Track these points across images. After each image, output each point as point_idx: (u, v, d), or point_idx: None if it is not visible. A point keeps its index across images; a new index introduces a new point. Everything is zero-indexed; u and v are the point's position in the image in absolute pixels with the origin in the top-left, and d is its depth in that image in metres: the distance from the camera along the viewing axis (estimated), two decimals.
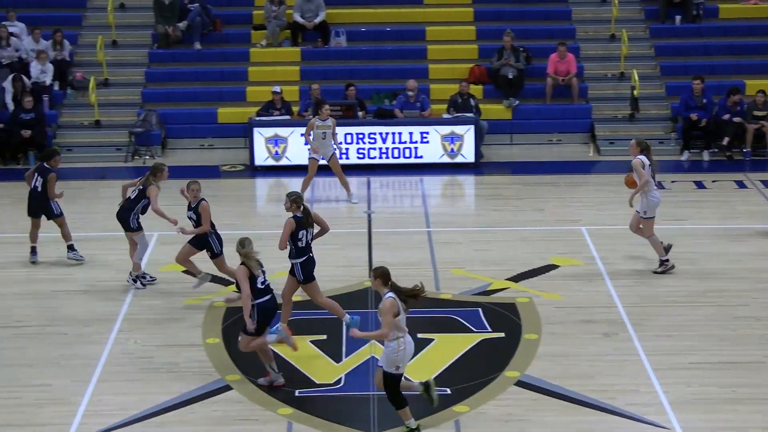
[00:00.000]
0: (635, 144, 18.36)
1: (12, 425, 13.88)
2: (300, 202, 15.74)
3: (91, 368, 15.29)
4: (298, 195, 15.87)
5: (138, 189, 18.00)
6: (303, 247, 15.74)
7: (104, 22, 28.07)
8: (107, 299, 17.65)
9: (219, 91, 26.99)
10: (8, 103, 25.40)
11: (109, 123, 26.16)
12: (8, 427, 13.83)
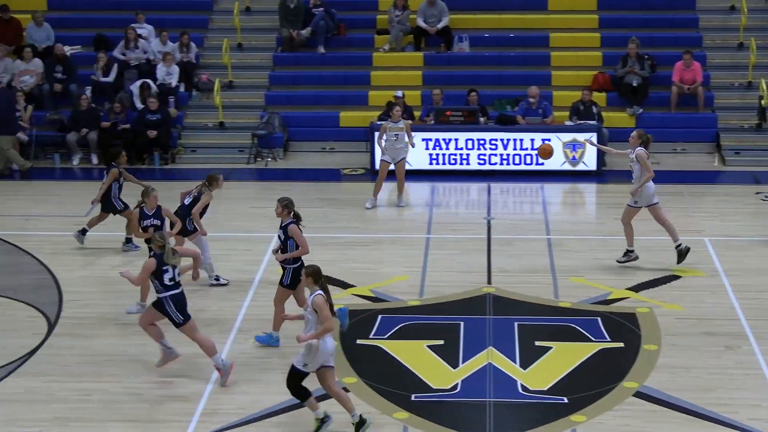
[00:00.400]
0: (636, 136, 18.58)
1: (133, 420, 14.08)
2: (291, 207, 15.81)
3: (211, 367, 15.44)
4: (289, 200, 15.88)
5: (193, 196, 18.23)
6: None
7: (230, 25, 28.41)
8: (227, 299, 17.82)
9: (341, 95, 27.13)
10: (137, 105, 25.85)
11: (233, 125, 26.45)
12: (129, 422, 14.04)
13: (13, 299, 17.87)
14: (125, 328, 16.82)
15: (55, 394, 14.80)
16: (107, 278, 18.71)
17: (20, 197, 23.24)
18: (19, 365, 15.62)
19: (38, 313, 17.35)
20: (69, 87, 26.20)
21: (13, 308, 17.56)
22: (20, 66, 26.40)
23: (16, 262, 19.37)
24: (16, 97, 25.26)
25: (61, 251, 19.91)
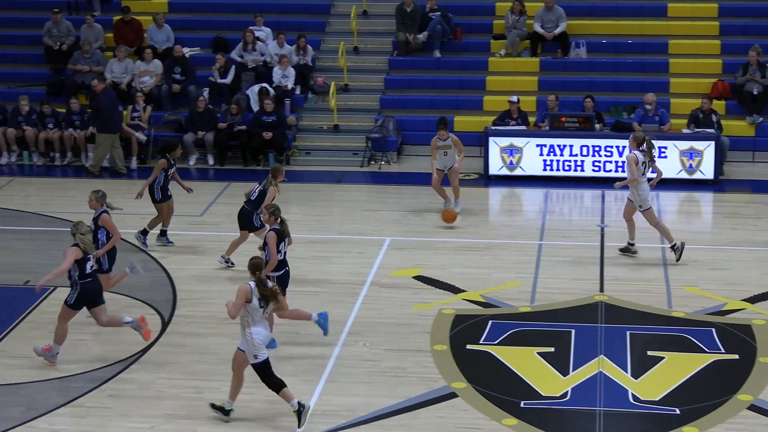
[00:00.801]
0: (632, 138, 19.33)
1: (244, 420, 14.18)
2: (278, 214, 15.91)
3: (321, 368, 15.51)
4: (276, 207, 16.01)
5: (258, 190, 18.50)
6: (282, 260, 15.95)
7: (347, 29, 28.54)
8: (339, 301, 17.89)
9: (456, 100, 27.08)
10: (253, 107, 26.09)
11: (347, 128, 26.56)
12: (240, 422, 14.15)
13: (129, 296, 18.13)
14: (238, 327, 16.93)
15: (166, 391, 14.99)
16: (221, 277, 18.89)
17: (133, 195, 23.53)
18: (133, 362, 15.85)
19: (153, 310, 17.58)
20: (187, 88, 26.54)
21: (130, 305, 17.81)
22: (140, 67, 26.81)
23: (136, 258, 19.62)
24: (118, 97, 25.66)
25: (175, 250, 20.16)
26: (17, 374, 15.42)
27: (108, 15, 28.66)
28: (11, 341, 16.51)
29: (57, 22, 27.56)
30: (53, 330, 15.91)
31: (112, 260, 16.93)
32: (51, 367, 15.64)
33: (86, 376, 15.38)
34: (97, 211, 16.75)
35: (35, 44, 28.11)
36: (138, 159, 25.42)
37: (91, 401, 14.77)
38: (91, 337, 16.56)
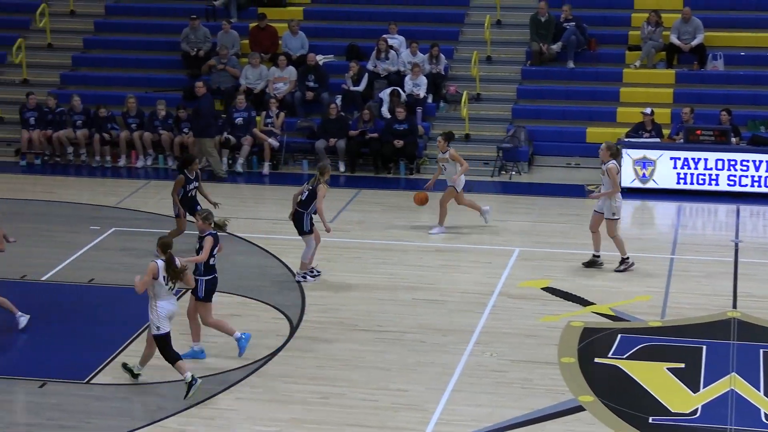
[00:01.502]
0: (605, 148, 19.12)
1: (366, 426, 14.23)
2: (211, 219, 15.98)
3: (447, 377, 15.48)
4: (208, 212, 16.10)
5: (308, 190, 18.63)
6: (212, 265, 15.96)
7: (480, 38, 28.47)
8: (466, 310, 17.84)
9: (589, 111, 26.84)
10: (384, 114, 26.19)
11: (479, 137, 26.49)
12: (362, 427, 14.20)
13: (259, 301, 18.31)
14: (365, 334, 17.03)
15: (293, 395, 15.09)
16: (349, 284, 18.98)
17: (267, 201, 23.83)
18: (261, 365, 15.99)
19: (282, 315, 17.73)
20: (320, 95, 26.74)
21: (259, 309, 18.00)
22: (274, 73, 27.09)
23: (263, 264, 19.85)
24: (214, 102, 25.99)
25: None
26: (149, 373, 15.67)
27: (244, 22, 29.03)
28: (144, 342, 16.77)
29: (195, 29, 28.00)
30: (184, 331, 16.15)
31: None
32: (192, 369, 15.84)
33: (216, 378, 15.56)
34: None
35: (173, 50, 28.60)
36: (270, 165, 25.67)
37: (220, 403, 14.95)
38: (221, 340, 16.74)
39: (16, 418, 14.77)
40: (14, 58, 28.45)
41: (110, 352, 16.35)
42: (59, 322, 17.51)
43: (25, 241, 20.72)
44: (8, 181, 24.78)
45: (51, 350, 16.56)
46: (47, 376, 15.66)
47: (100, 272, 19.30)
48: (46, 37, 29.37)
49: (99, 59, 29.06)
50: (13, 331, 16.95)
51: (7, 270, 19.29)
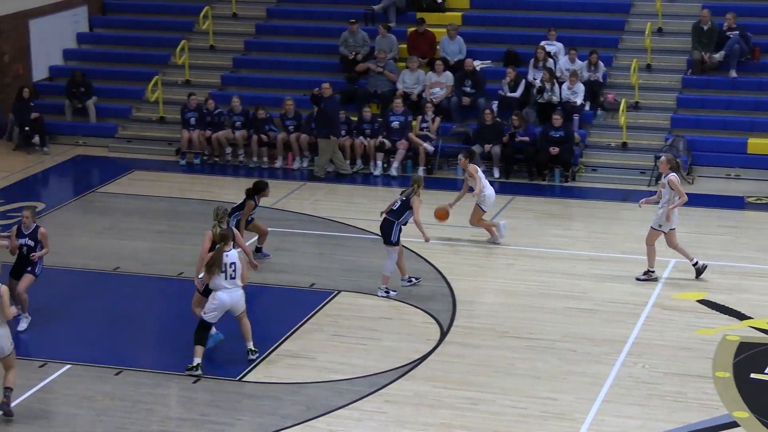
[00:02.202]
0: (665, 161, 19.15)
1: None
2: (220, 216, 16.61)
3: (597, 387, 15.32)
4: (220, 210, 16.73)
5: (401, 200, 18.55)
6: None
7: (640, 46, 28.10)
8: (618, 321, 17.64)
9: (751, 121, 26.26)
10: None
11: (636, 146, 26.13)
12: None
13: (411, 305, 18.36)
14: (515, 341, 16.95)
15: (442, 400, 15.10)
16: (500, 291, 18.91)
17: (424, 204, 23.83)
18: (410, 369, 16.04)
19: (432, 320, 17.75)
20: (476, 100, 26.70)
21: (410, 313, 18.05)
22: (432, 78, 27.14)
23: (416, 268, 19.87)
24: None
25: (458, 261, 20.29)
26: (300, 374, 15.84)
27: (402, 26, 29.15)
28: (295, 342, 16.98)
29: (353, 33, 28.22)
30: (336, 333, 16.31)
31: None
32: (331, 369, 16.01)
33: (366, 380, 15.66)
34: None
35: (331, 53, 28.87)
36: (425, 169, 25.71)
37: (369, 405, 15.03)
38: (371, 343, 16.85)
39: (171, 413, 15.06)
40: (177, 59, 29.06)
41: (263, 350, 16.56)
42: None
43: (183, 240, 21.17)
44: (168, 180, 25.30)
45: (207, 347, 16.82)
46: (202, 372, 15.92)
47: (254, 272, 19.55)
48: (208, 39, 29.93)
49: (259, 61, 29.49)
50: (172, 328, 17.28)
51: (166, 268, 19.72)
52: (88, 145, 27.73)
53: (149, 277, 18.33)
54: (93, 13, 31.11)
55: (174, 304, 18.33)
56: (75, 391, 15.47)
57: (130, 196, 23.95)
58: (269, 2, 31.04)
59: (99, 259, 20.34)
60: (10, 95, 28.02)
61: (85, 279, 19.56)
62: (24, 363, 15.62)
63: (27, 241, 16.99)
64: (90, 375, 15.88)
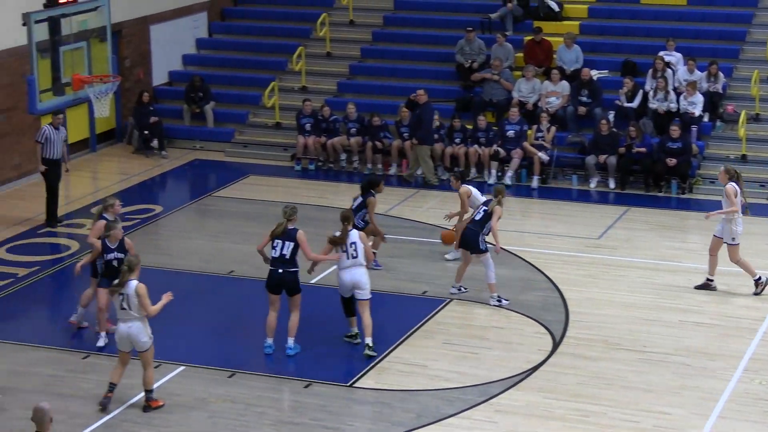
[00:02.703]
0: (724, 171, 19.28)
1: None
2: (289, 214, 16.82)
3: (712, 403, 15.10)
4: (286, 208, 17.01)
5: (482, 210, 18.59)
6: (273, 258, 16.71)
7: (762, 57, 27.63)
8: (735, 335, 17.37)
9: None
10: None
11: (756, 158, 25.68)
12: None
13: (523, 314, 18.28)
14: (628, 353, 16.79)
15: (553, 411, 15.01)
16: (614, 302, 18.73)
17: (534, 215, 23.76)
18: (522, 379, 15.96)
19: (545, 330, 17.65)
20: (593, 110, 26.49)
21: (522, 323, 17.97)
22: (548, 87, 26.99)
23: (528, 278, 19.81)
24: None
25: (571, 271, 20.15)
26: (411, 381, 15.86)
27: (519, 35, 29.04)
28: (407, 349, 16.99)
29: (470, 41, 28.18)
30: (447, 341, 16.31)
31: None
32: (442, 377, 15.99)
33: (477, 389, 15.63)
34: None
35: (447, 61, 28.88)
36: (539, 179, 25.57)
37: (479, 414, 15.00)
38: (483, 352, 16.81)
39: (283, 416, 15.18)
40: (294, 65, 29.30)
41: (374, 357, 16.60)
42: (325, 324, 17.89)
43: None
44: (283, 185, 25.51)
45: (317, 352, 16.94)
46: (313, 377, 16.04)
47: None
48: (325, 45, 30.13)
49: (375, 68, 29.59)
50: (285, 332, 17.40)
51: None
52: (205, 149, 28.09)
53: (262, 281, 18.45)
54: (212, 18, 31.52)
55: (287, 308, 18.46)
56: (189, 392, 15.66)
57: (246, 201, 24.20)
58: (386, 9, 31.15)
59: (214, 262, 20.58)
60: (130, 99, 28.51)
61: (199, 281, 19.79)
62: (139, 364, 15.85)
63: (116, 255, 17.04)
64: (204, 377, 16.08)
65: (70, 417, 14.86)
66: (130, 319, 14.93)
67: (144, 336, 14.98)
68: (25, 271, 20.07)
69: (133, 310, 14.87)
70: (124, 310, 14.90)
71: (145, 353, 15.03)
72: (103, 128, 28.20)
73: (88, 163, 27.06)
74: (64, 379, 15.80)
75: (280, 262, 16.63)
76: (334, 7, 31.30)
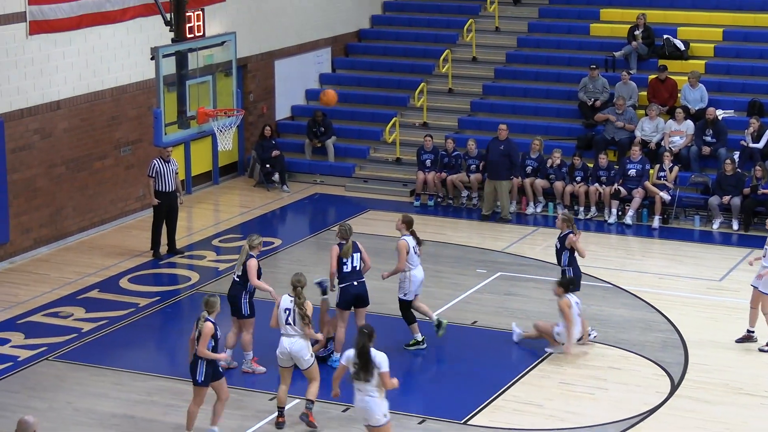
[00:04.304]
0: None
1: None
2: (345, 234, 17.41)
3: None
4: (342, 228, 17.57)
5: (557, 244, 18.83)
6: (345, 273, 17.25)
7: None
8: None
9: None
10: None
11: None
12: None
13: (641, 356, 18.02)
14: (750, 398, 16.45)
15: None
16: (735, 346, 18.36)
17: (655, 255, 23.44)
18: (638, 421, 15.73)
19: (663, 372, 17.37)
20: (717, 150, 26.11)
21: (640, 364, 17.71)
22: (671, 126, 26.68)
23: (648, 319, 19.54)
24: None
25: (691, 313, 19.82)
26: (526, 421, 15.72)
27: (644, 74, 28.78)
28: (522, 388, 16.85)
29: (593, 79, 28.01)
30: (563, 380, 16.12)
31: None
32: (558, 417, 15.80)
33: (592, 430, 15.43)
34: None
35: (570, 99, 28.73)
36: (661, 219, 25.25)
37: None
38: (599, 392, 16.61)
39: None
40: (416, 101, 29.40)
41: (489, 394, 16.52)
42: (441, 361, 17.86)
43: None
44: None
45: (432, 388, 16.90)
46: (427, 413, 15.99)
47: (483, 315, 19.56)
48: (447, 82, 30.19)
49: (496, 105, 29.54)
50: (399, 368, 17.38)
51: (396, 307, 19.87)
52: (325, 183, 28.29)
53: (378, 315, 18.49)
54: (336, 54, 31.81)
55: (403, 342, 18.45)
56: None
57: (365, 235, 24.25)
58: (509, 47, 31.12)
59: (332, 295, 20.61)
60: (253, 133, 28.87)
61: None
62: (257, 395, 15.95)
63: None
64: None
65: None
66: (294, 335, 15.26)
67: (306, 354, 15.33)
68: (146, 301, 20.37)
69: (297, 326, 15.29)
70: (289, 325, 15.25)
71: (308, 370, 15.41)
72: (225, 161, 28.60)
73: (210, 196, 27.44)
74: (181, 409, 15.97)
75: (354, 275, 17.36)
76: (457, 43, 31.38)
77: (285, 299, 15.43)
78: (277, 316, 15.41)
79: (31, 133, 22.60)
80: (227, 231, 24.57)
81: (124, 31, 24.41)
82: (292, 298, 15.41)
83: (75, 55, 23.45)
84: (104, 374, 17.49)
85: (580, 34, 30.93)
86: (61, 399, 16.55)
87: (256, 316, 17.22)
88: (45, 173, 23.00)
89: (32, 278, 21.59)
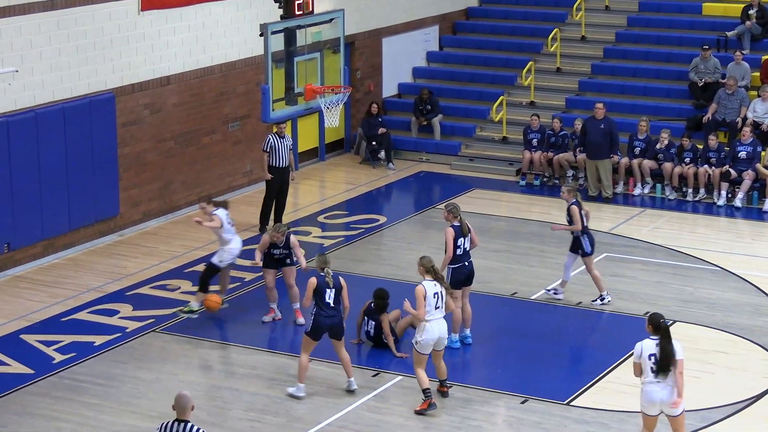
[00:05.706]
0: None
1: None
2: (456, 212, 17.22)
3: None
4: (454, 206, 17.39)
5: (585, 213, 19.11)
6: (459, 255, 17.06)
7: None
8: None
9: None
10: None
11: None
12: None
13: (749, 340, 17.76)
14: None
15: None
16: None
17: (765, 238, 23.03)
18: (745, 406, 15.51)
19: None
20: None
21: (748, 349, 17.45)
22: None
23: (757, 303, 19.24)
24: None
25: None
26: (629, 402, 15.57)
27: (757, 54, 28.27)
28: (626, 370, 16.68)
29: (705, 59, 27.58)
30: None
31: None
32: None
33: (698, 414, 15.24)
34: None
35: (681, 80, 28.33)
36: None
37: None
38: (705, 376, 16.39)
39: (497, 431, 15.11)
40: (524, 80, 29.22)
41: (592, 376, 16.41)
42: (545, 341, 17.77)
43: (519, 260, 21.24)
44: (507, 200, 25.46)
45: (535, 368, 16.82)
46: (530, 393, 15.93)
47: (587, 296, 19.40)
48: (555, 61, 29.95)
49: (605, 85, 29.22)
50: (503, 345, 17.34)
51: (500, 287, 19.84)
52: (431, 161, 28.26)
53: (482, 294, 18.41)
54: (444, 32, 31.72)
55: (506, 321, 18.41)
56: (405, 402, 15.73)
57: (469, 214, 24.11)
58: (619, 26, 30.78)
59: None
60: (359, 110, 28.94)
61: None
62: (357, 371, 16.05)
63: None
64: (419, 387, 16.11)
65: (289, 420, 15.16)
66: (440, 318, 15.38)
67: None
68: (252, 275, 20.53)
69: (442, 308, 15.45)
70: (438, 309, 15.36)
71: (440, 352, 15.61)
72: (332, 138, 28.70)
73: (317, 172, 27.57)
74: (285, 383, 16.09)
75: (465, 256, 17.28)
76: (566, 22, 31.10)
77: (429, 285, 15.33)
78: (425, 305, 15.24)
79: (142, 108, 22.91)
80: (332, 207, 24.67)
81: (234, 7, 24.60)
82: (434, 282, 15.41)
83: (185, 31, 23.69)
84: (209, 347, 17.71)
85: (692, 14, 30.47)
86: (168, 370, 16.80)
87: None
88: (154, 148, 23.30)
89: (141, 251, 21.90)
